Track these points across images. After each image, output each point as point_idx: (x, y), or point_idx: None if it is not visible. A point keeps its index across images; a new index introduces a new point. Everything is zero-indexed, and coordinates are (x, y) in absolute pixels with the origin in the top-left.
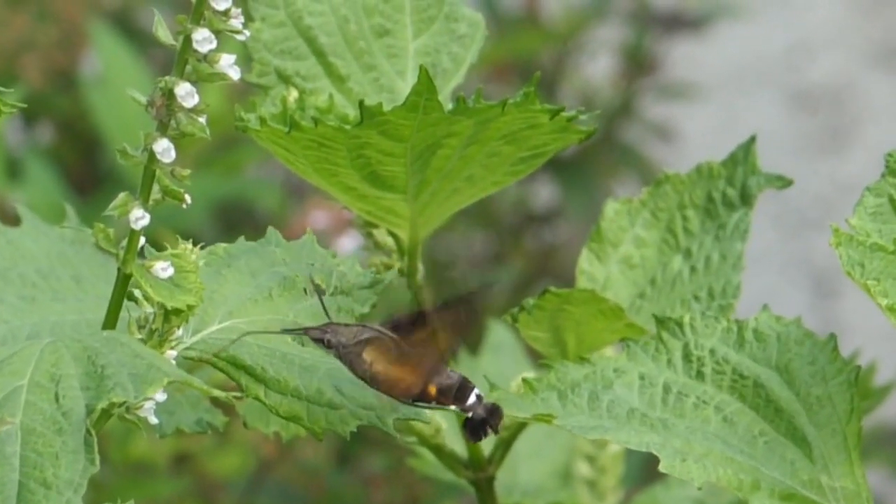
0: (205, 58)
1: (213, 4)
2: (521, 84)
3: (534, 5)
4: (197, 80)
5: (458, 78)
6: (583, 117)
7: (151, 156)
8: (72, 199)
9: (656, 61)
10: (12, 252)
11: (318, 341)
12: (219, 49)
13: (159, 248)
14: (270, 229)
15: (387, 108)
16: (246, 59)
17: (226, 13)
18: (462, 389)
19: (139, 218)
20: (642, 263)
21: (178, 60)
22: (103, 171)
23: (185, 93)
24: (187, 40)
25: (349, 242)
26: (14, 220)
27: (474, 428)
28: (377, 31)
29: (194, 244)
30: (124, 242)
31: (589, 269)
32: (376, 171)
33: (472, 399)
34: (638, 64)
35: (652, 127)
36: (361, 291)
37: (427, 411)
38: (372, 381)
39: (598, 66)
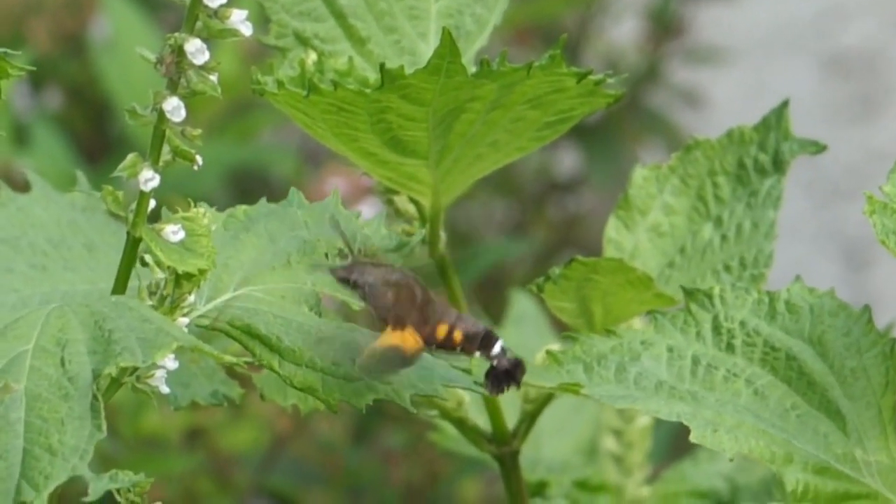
0: (215, 13)
1: None
2: (543, 48)
3: None
4: (207, 37)
5: (482, 40)
6: (610, 81)
7: (161, 115)
8: (81, 166)
9: (683, 24)
10: (22, 220)
11: (344, 281)
12: (230, 5)
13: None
14: (293, 190)
15: (408, 71)
16: (263, 21)
17: None
18: (487, 338)
19: (149, 179)
20: (671, 231)
21: (188, 16)
22: (113, 138)
23: (196, 49)
24: None
25: (368, 210)
26: (23, 187)
27: (497, 378)
28: None
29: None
30: (134, 205)
31: (616, 237)
32: (397, 136)
33: (497, 349)
34: (664, 27)
35: (679, 92)
36: (387, 255)
37: (446, 389)
38: (396, 323)
39: (623, 30)
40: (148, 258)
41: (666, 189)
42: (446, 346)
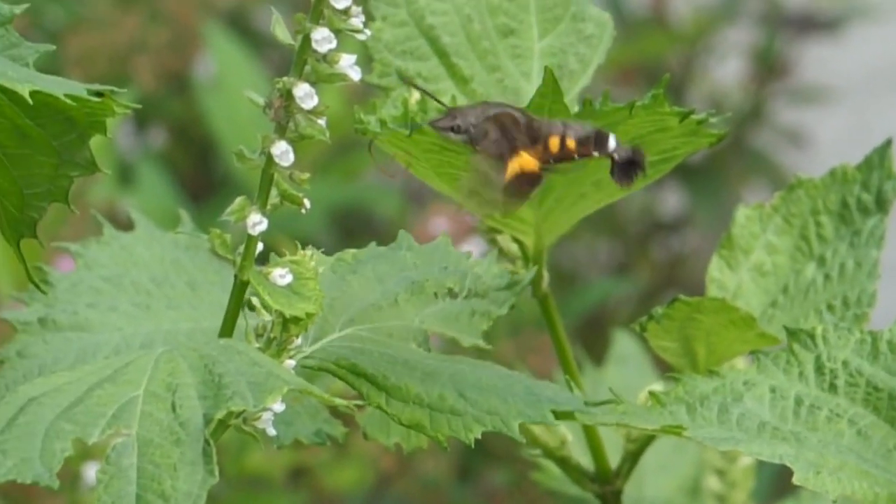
0: (324, 58)
1: (333, 3)
2: (647, 87)
3: (661, 6)
4: (316, 81)
5: (585, 79)
6: (713, 120)
7: (269, 159)
8: (185, 204)
9: (788, 64)
10: (125, 258)
11: (449, 129)
12: (338, 49)
13: (277, 254)
14: (402, 233)
15: None
16: (366, 60)
17: (346, 12)
18: (600, 137)
19: (257, 223)
20: (774, 271)
21: (297, 60)
22: (217, 177)
23: (304, 94)
24: (306, 40)
25: (471, 249)
26: (127, 226)
27: (623, 169)
28: (502, 30)
29: (307, 248)
30: (241, 248)
31: (719, 276)
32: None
33: (612, 143)
34: (769, 67)
35: (783, 132)
36: (498, 293)
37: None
38: (511, 153)
39: (727, 70)
40: (255, 301)
41: (769, 228)
42: (564, 157)
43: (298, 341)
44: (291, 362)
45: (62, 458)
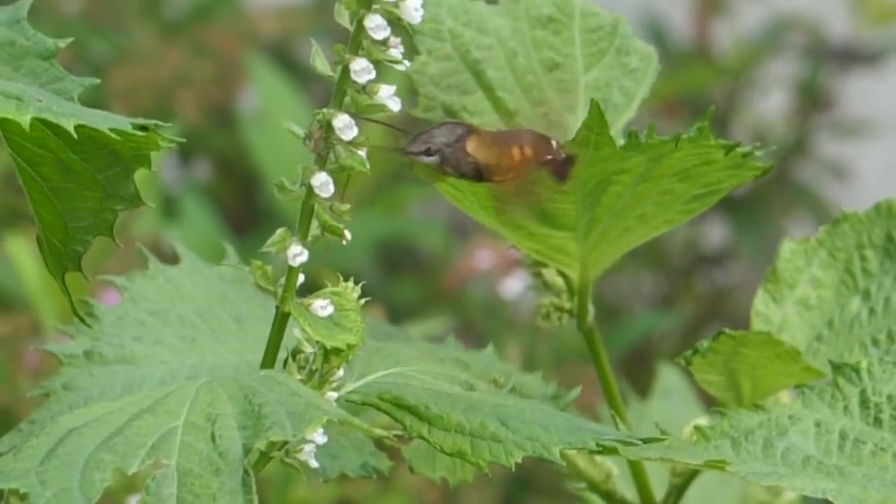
0: (364, 88)
1: (372, 34)
2: (691, 120)
3: (705, 39)
4: (356, 112)
5: (630, 113)
6: (758, 153)
7: (309, 190)
8: (229, 237)
9: (831, 97)
10: (171, 292)
11: (422, 154)
12: (378, 80)
13: (318, 287)
14: (450, 339)
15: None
16: (411, 94)
17: (385, 42)
18: (546, 141)
19: (297, 254)
20: (819, 305)
21: (337, 91)
22: (261, 209)
23: (344, 125)
24: (345, 71)
25: (516, 283)
26: (172, 259)
27: (563, 168)
28: (546, 64)
29: (355, 284)
30: (282, 280)
31: (764, 310)
32: (545, 209)
33: (555, 145)
34: (812, 100)
35: (827, 165)
36: (543, 400)
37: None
38: (487, 172)
39: (770, 102)
40: (297, 332)
41: (814, 262)
42: (525, 164)
43: (340, 373)
44: (334, 394)
45: (102, 488)
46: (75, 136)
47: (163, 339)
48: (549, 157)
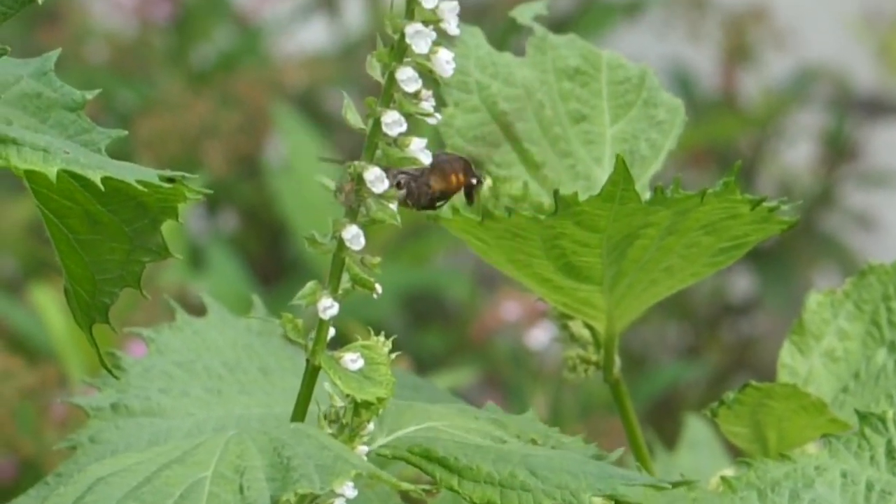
0: (395, 141)
1: (404, 87)
2: (718, 170)
3: (731, 89)
4: (387, 165)
5: (657, 165)
6: (784, 208)
7: (340, 243)
8: (256, 287)
9: (857, 147)
10: (198, 344)
11: (397, 185)
12: (409, 132)
13: (345, 338)
14: (489, 404)
15: (583, 196)
16: (437, 145)
17: (416, 95)
18: (469, 165)
19: (328, 307)
20: (846, 356)
21: (368, 144)
22: (288, 259)
23: (375, 178)
24: (377, 123)
25: (542, 333)
26: (199, 310)
27: (474, 190)
28: (573, 116)
29: (379, 333)
30: (313, 333)
31: (791, 362)
32: (572, 262)
33: (475, 170)
34: (838, 150)
35: (853, 215)
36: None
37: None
38: (440, 197)
39: (797, 153)
40: (327, 386)
41: (840, 314)
42: (457, 188)
43: (371, 427)
44: (364, 448)
45: None
46: (102, 188)
47: (189, 392)
48: (474, 180)
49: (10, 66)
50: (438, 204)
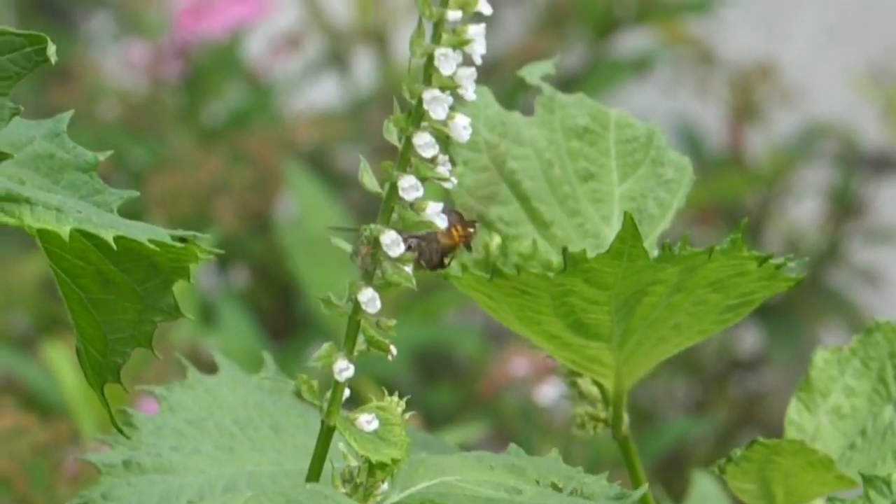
0: (411, 206)
1: (421, 151)
2: (725, 227)
3: (739, 146)
4: (403, 229)
5: (665, 223)
6: (791, 264)
7: (356, 306)
8: (267, 343)
9: (864, 204)
10: (209, 401)
11: (409, 249)
12: (423, 196)
13: (357, 395)
14: (512, 446)
15: (591, 254)
16: (447, 203)
17: (433, 160)
18: (463, 218)
19: (344, 369)
20: (853, 413)
21: (384, 208)
22: (298, 316)
23: (391, 241)
24: (393, 187)
25: (551, 389)
26: (211, 368)
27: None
28: (582, 175)
29: (392, 392)
30: (328, 394)
31: (798, 419)
32: (580, 319)
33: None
34: (845, 207)
35: (859, 272)
36: (606, 501)
37: None
38: (446, 253)
39: (804, 209)
40: (341, 446)
41: (847, 371)
42: (458, 242)
43: (385, 486)
44: None
45: None
46: (115, 247)
47: (201, 449)
48: (471, 229)
49: (24, 127)
50: (446, 260)
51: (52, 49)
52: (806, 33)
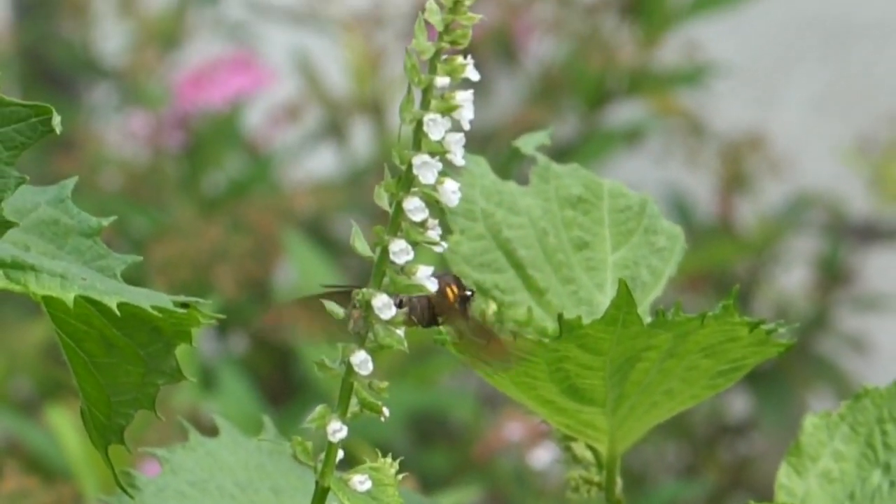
0: (402, 269)
1: (411, 216)
2: (715, 294)
3: (728, 215)
4: (394, 292)
5: (657, 291)
6: (781, 330)
7: (349, 368)
8: (265, 407)
9: (851, 272)
10: (211, 464)
11: (398, 306)
12: (415, 260)
13: (352, 457)
14: None
15: (586, 321)
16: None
17: (423, 224)
18: (459, 280)
19: (337, 431)
20: (841, 478)
21: (376, 272)
22: (296, 380)
23: (383, 304)
24: (384, 252)
25: (545, 455)
26: (212, 431)
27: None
28: (576, 243)
29: (385, 454)
30: (322, 455)
31: (788, 483)
32: (575, 385)
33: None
34: (833, 275)
35: (847, 339)
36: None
37: None
38: (434, 314)
39: (792, 277)
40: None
41: (836, 436)
42: (454, 303)
43: None
44: None
45: None
46: (119, 313)
47: None
48: (468, 292)
49: (29, 194)
50: (440, 319)
51: (57, 119)
52: (795, 106)
